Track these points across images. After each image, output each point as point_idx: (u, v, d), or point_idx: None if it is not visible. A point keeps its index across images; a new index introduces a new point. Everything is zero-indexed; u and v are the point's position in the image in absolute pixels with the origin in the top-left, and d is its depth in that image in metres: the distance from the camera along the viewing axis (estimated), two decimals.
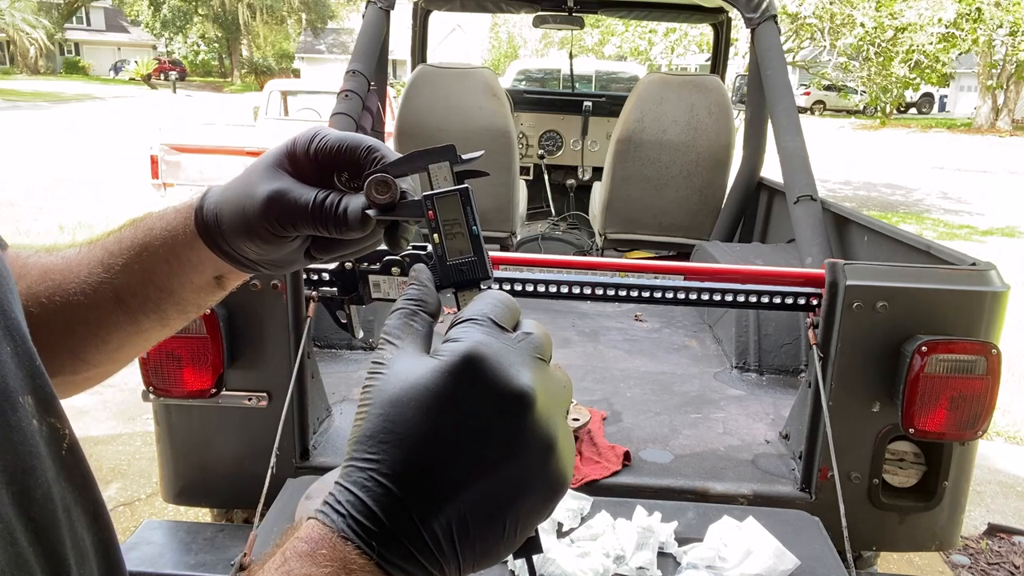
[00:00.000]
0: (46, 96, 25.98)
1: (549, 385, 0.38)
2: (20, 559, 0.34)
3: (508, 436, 0.36)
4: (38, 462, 0.38)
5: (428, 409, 0.36)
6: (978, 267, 1.46)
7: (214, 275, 0.60)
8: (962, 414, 1.37)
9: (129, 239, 0.59)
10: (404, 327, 0.41)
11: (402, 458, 0.36)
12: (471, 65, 3.27)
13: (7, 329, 0.40)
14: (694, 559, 1.21)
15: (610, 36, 13.75)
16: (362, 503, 0.35)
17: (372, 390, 0.38)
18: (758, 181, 3.11)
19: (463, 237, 0.48)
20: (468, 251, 0.47)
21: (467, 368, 0.36)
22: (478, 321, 0.39)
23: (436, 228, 0.48)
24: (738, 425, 1.75)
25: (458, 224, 0.48)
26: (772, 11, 2.64)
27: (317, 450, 1.56)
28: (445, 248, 0.48)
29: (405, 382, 0.37)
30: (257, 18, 41.10)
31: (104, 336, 0.60)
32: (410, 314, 0.42)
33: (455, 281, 0.47)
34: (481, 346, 0.37)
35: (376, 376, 0.39)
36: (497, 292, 0.43)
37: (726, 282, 1.49)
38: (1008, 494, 2.97)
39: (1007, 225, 9.24)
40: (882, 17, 11.53)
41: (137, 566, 1.25)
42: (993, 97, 23.52)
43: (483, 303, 0.41)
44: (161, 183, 6.24)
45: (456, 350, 0.37)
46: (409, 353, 0.39)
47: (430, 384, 0.36)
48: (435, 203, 0.48)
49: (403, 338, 0.41)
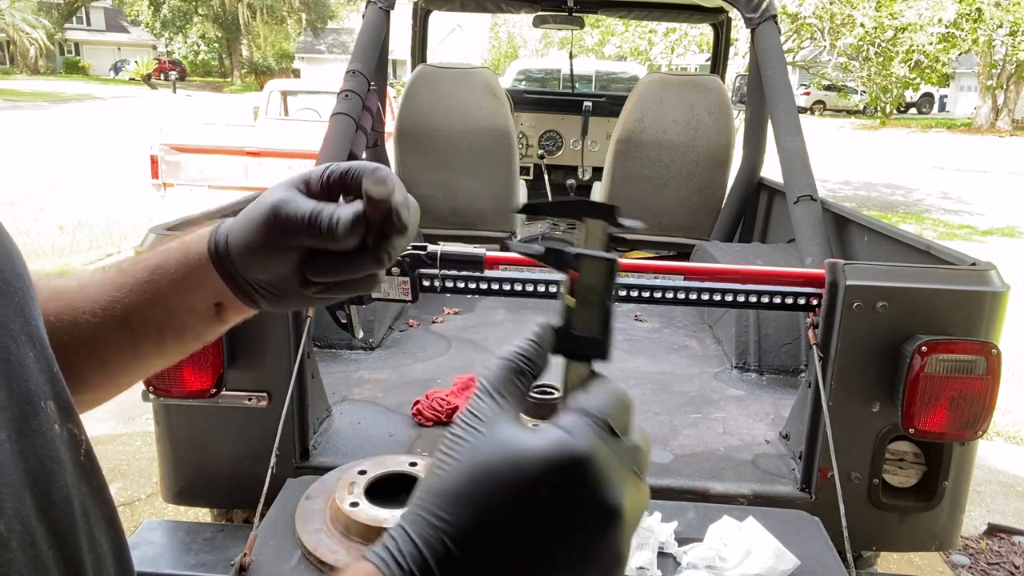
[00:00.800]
0: (46, 96, 25.98)
1: (638, 504, 0.38)
2: (38, 562, 0.34)
3: (586, 547, 0.36)
4: (58, 467, 0.38)
5: (518, 492, 0.35)
6: (978, 267, 1.46)
7: (214, 301, 0.60)
8: (962, 414, 1.37)
9: (145, 259, 0.60)
10: (509, 384, 0.40)
11: (477, 530, 0.35)
12: (471, 65, 3.27)
13: (29, 335, 0.40)
14: (694, 559, 1.21)
15: (610, 36, 13.74)
16: (424, 562, 0.34)
17: (464, 445, 0.37)
18: (758, 181, 3.11)
19: (595, 309, 0.45)
20: (595, 326, 0.44)
21: (571, 469, 0.36)
22: (597, 421, 0.38)
23: (574, 291, 0.45)
24: (738, 425, 1.75)
25: (595, 294, 0.45)
26: (772, 11, 2.64)
27: (317, 450, 1.56)
28: (575, 315, 0.45)
29: (502, 453, 0.36)
30: (257, 18, 41.10)
31: (105, 357, 0.60)
32: (518, 372, 0.41)
33: (574, 353, 0.44)
34: (593, 452, 0.36)
35: (472, 430, 0.37)
36: (618, 389, 0.41)
37: (726, 282, 1.49)
38: (1008, 494, 2.97)
39: (1007, 225, 9.24)
40: (882, 17, 11.53)
41: (137, 566, 1.25)
42: (993, 97, 23.52)
43: (605, 400, 0.39)
44: (161, 183, 6.24)
45: (567, 446, 0.36)
46: (511, 419, 0.38)
47: (528, 468, 0.35)
48: (583, 264, 0.45)
49: (506, 397, 0.39)
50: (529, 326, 0.43)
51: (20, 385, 0.38)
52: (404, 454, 1.42)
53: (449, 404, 1.71)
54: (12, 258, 0.42)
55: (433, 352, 2.17)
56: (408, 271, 1.48)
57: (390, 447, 1.59)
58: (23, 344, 0.39)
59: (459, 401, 1.73)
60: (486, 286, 1.51)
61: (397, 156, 3.17)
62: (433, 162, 3.13)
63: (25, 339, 0.40)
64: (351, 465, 1.26)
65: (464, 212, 3.20)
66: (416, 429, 1.68)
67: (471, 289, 1.51)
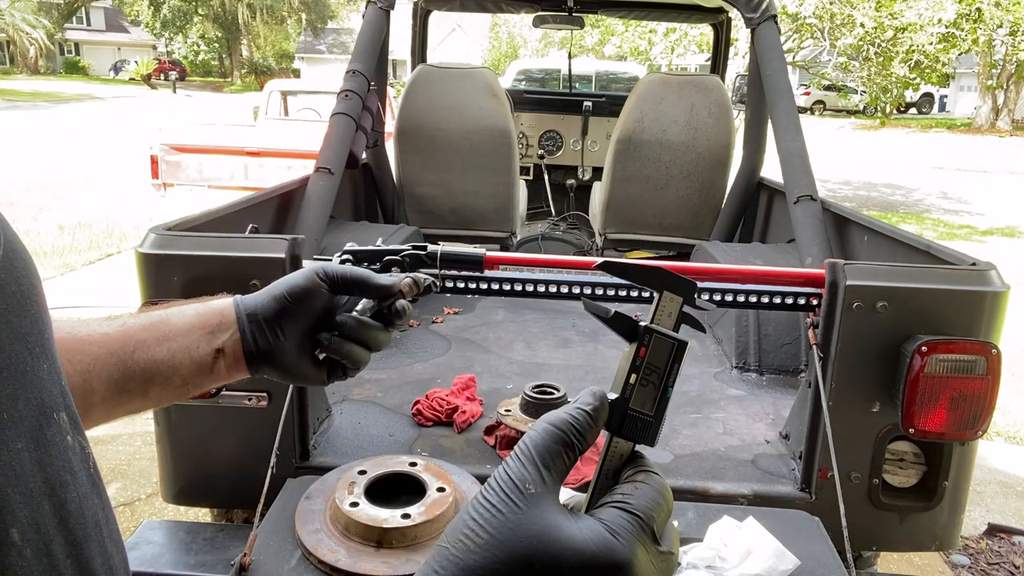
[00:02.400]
0: (46, 96, 25.97)
1: None
2: (54, 571, 0.34)
3: None
4: (71, 477, 0.38)
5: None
6: (978, 267, 1.46)
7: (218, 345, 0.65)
8: (962, 414, 1.37)
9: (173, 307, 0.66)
10: (557, 457, 0.37)
11: None
12: (471, 65, 3.27)
13: (43, 347, 0.41)
14: (694, 559, 1.21)
15: (610, 36, 13.73)
16: None
17: (501, 520, 0.35)
18: (758, 181, 3.11)
19: (653, 391, 0.43)
20: (650, 409, 0.43)
21: (611, 573, 0.34)
22: (643, 525, 0.37)
23: (637, 368, 0.43)
24: (738, 425, 1.75)
25: (656, 375, 0.43)
26: (772, 11, 2.64)
27: (317, 450, 1.56)
28: (634, 394, 0.43)
29: (543, 543, 0.34)
30: (257, 18, 41.09)
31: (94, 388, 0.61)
32: (568, 445, 0.38)
33: (624, 433, 0.43)
34: (635, 560, 0.35)
35: (511, 504, 0.35)
36: (664, 487, 0.40)
37: (726, 282, 1.49)
38: (1008, 494, 2.97)
39: (1007, 225, 9.24)
40: (882, 17, 11.52)
41: (137, 566, 1.25)
42: (993, 97, 23.51)
43: (651, 500, 0.38)
44: (161, 183, 6.24)
45: (612, 550, 0.35)
46: (554, 501, 0.36)
47: (568, 565, 0.34)
48: (652, 341, 0.44)
49: (552, 471, 0.37)
50: (584, 394, 0.41)
51: (36, 396, 0.38)
52: (404, 454, 1.42)
53: (449, 404, 1.71)
54: (29, 270, 0.42)
55: (433, 352, 2.17)
56: (408, 271, 1.48)
57: (390, 447, 1.59)
58: (38, 356, 0.39)
59: (459, 401, 1.73)
60: (486, 286, 1.51)
61: (397, 156, 3.17)
62: (433, 162, 3.13)
63: (40, 351, 0.40)
64: (351, 465, 1.26)
65: (464, 212, 3.20)
66: (416, 429, 1.68)
67: (471, 289, 1.51)
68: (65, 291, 5.08)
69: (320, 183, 2.29)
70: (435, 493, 1.17)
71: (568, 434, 0.38)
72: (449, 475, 1.22)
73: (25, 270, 0.41)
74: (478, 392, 1.81)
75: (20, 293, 0.40)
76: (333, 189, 2.31)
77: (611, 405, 0.42)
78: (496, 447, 1.59)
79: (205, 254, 1.44)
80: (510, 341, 2.28)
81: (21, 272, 0.40)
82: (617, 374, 0.44)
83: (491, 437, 1.63)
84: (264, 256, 1.43)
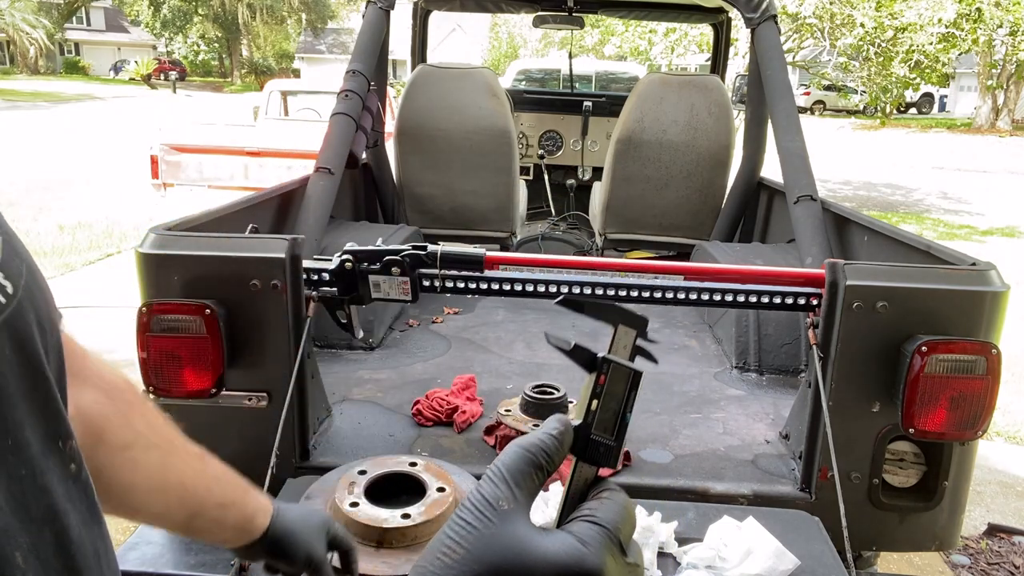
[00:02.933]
0: (46, 96, 25.97)
1: None
2: None
3: None
4: (71, 506, 0.39)
5: None
6: (978, 267, 1.46)
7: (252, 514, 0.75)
8: (962, 414, 1.37)
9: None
10: (526, 477, 0.40)
11: None
12: (471, 65, 3.27)
13: (58, 379, 0.42)
14: (694, 559, 1.21)
15: (610, 36, 13.72)
16: None
17: (475, 535, 0.36)
18: (758, 181, 3.11)
19: (612, 417, 0.46)
20: (611, 433, 0.46)
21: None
22: (610, 536, 0.38)
23: (598, 395, 0.47)
24: (738, 425, 1.75)
25: (615, 401, 0.47)
26: (772, 11, 2.64)
27: (317, 450, 1.56)
28: (595, 420, 0.46)
29: (515, 555, 0.36)
30: (257, 18, 41.09)
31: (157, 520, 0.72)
32: (537, 466, 0.40)
33: (587, 456, 0.45)
34: (605, 567, 0.36)
35: (485, 520, 0.37)
36: (628, 502, 0.42)
37: (726, 282, 1.49)
38: (1008, 494, 2.97)
39: (1007, 225, 9.24)
40: (882, 17, 11.52)
41: (137, 566, 1.25)
42: (993, 97, 23.51)
43: (617, 513, 0.40)
44: (161, 183, 6.24)
45: (583, 558, 0.36)
46: (525, 516, 0.38)
47: (539, 572, 0.35)
48: (610, 370, 0.47)
49: (522, 488, 0.39)
50: (550, 421, 0.44)
51: (48, 423, 0.39)
52: (404, 454, 1.42)
53: (449, 404, 1.71)
54: (50, 304, 0.43)
55: (433, 352, 2.17)
56: (408, 271, 1.48)
57: (390, 447, 1.59)
58: (53, 385, 0.40)
59: (459, 401, 1.73)
60: (486, 286, 1.51)
61: (397, 156, 3.17)
62: (433, 162, 3.13)
63: (54, 380, 0.41)
64: (351, 465, 1.26)
65: (464, 212, 3.20)
66: (416, 429, 1.68)
67: (471, 289, 1.51)
68: (65, 291, 5.08)
69: (320, 183, 2.29)
70: (435, 493, 1.17)
71: (537, 455, 0.40)
72: (449, 475, 1.22)
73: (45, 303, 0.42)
74: (478, 392, 1.81)
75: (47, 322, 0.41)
76: (333, 189, 2.31)
77: (575, 430, 0.45)
78: (496, 447, 1.59)
79: (205, 254, 1.44)
80: (510, 341, 2.28)
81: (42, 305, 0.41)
82: (580, 401, 0.47)
83: (491, 437, 1.63)
84: (264, 256, 1.43)
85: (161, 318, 1.40)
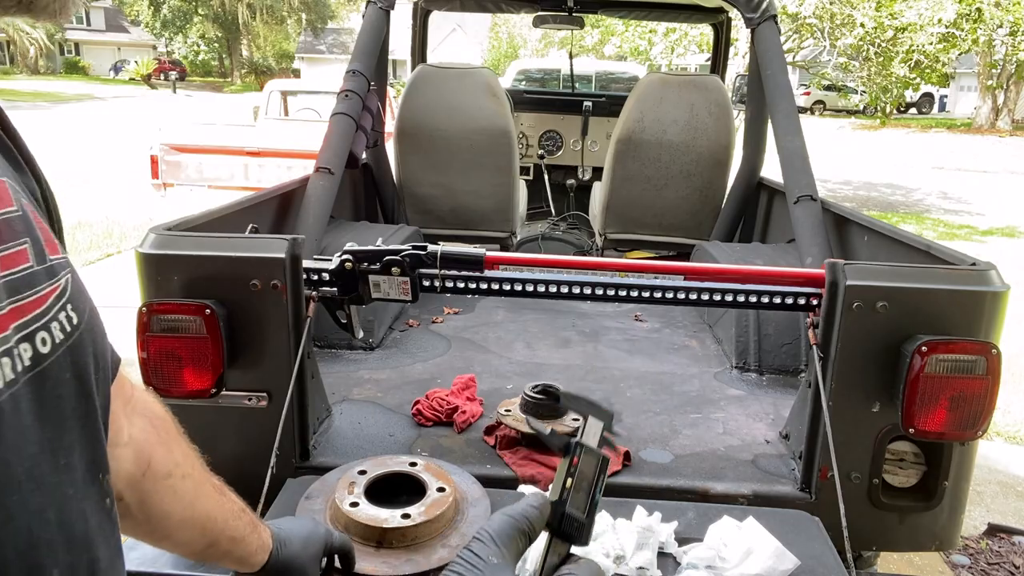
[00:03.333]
0: (46, 96, 25.98)
1: None
2: None
3: None
4: (103, 539, 0.41)
5: None
6: (978, 267, 1.46)
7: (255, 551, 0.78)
8: (962, 414, 1.37)
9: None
10: (512, 541, 0.46)
11: None
12: (471, 65, 3.27)
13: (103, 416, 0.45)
14: (694, 559, 1.21)
15: (610, 36, 13.73)
16: None
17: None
18: (758, 181, 3.11)
19: (584, 496, 0.53)
20: (582, 512, 0.52)
21: None
22: None
23: (572, 474, 0.53)
24: (738, 425, 1.75)
25: (586, 482, 0.53)
26: (772, 11, 2.64)
27: (317, 450, 1.56)
28: (570, 497, 0.52)
29: None
30: (257, 18, 41.08)
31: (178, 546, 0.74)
32: (521, 532, 0.47)
33: (561, 532, 0.51)
34: None
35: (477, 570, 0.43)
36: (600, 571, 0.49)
37: (726, 282, 1.49)
38: (1008, 494, 2.97)
39: (1007, 225, 9.24)
40: (882, 17, 11.52)
41: (137, 566, 1.25)
42: (993, 97, 23.51)
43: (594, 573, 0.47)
44: (161, 183, 6.24)
45: None
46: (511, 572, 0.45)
47: None
48: (582, 453, 0.54)
49: (509, 549, 0.46)
50: (531, 496, 0.50)
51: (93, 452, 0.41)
52: (404, 454, 1.42)
53: (449, 404, 1.71)
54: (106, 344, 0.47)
55: (433, 352, 2.17)
56: (408, 271, 1.48)
57: (390, 447, 1.59)
58: (99, 417, 0.43)
59: (459, 401, 1.73)
60: (486, 286, 1.51)
61: (397, 156, 3.17)
62: (433, 162, 3.13)
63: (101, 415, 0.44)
64: (351, 465, 1.26)
65: (464, 212, 3.20)
66: (416, 429, 1.68)
67: (471, 289, 1.51)
68: None
69: (320, 183, 2.29)
70: (435, 493, 1.17)
71: (521, 523, 0.47)
72: (449, 475, 1.22)
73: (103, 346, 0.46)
74: (478, 392, 1.81)
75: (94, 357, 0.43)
76: (333, 189, 2.31)
77: (552, 505, 0.51)
78: (496, 447, 1.59)
79: (205, 254, 1.44)
80: (510, 341, 2.28)
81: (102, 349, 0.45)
82: (555, 480, 0.53)
83: (491, 437, 1.63)
84: (264, 256, 1.43)
85: (161, 318, 1.40)
